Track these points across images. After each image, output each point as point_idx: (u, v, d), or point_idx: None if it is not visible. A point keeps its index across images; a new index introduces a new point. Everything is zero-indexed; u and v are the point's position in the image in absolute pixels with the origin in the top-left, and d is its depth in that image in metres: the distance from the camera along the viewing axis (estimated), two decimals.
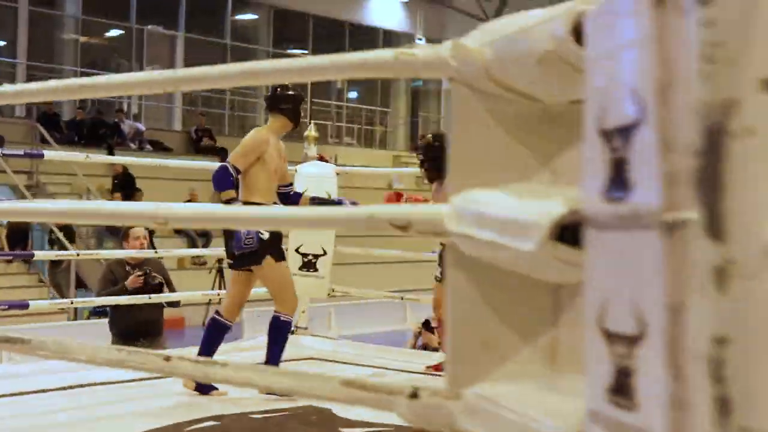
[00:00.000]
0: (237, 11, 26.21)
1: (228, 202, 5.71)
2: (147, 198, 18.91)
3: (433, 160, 6.28)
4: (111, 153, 19.67)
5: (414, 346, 8.74)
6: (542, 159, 1.76)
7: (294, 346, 7.53)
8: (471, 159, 1.74)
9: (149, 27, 23.96)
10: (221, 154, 22.02)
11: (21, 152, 6.86)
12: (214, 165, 18.16)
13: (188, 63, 24.83)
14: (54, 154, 7.11)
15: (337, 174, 7.91)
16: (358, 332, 13.62)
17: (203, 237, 18.91)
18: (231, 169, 5.76)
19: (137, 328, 7.44)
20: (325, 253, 7.63)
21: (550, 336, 1.82)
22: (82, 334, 12.72)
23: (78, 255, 7.20)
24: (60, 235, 15.71)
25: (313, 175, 7.74)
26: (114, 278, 7.49)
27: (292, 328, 8.12)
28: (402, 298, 8.36)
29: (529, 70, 1.59)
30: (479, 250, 1.67)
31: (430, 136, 6.55)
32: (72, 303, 6.87)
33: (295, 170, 7.78)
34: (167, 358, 2.03)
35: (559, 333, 1.82)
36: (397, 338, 15.53)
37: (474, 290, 1.75)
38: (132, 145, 20.86)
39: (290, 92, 6.22)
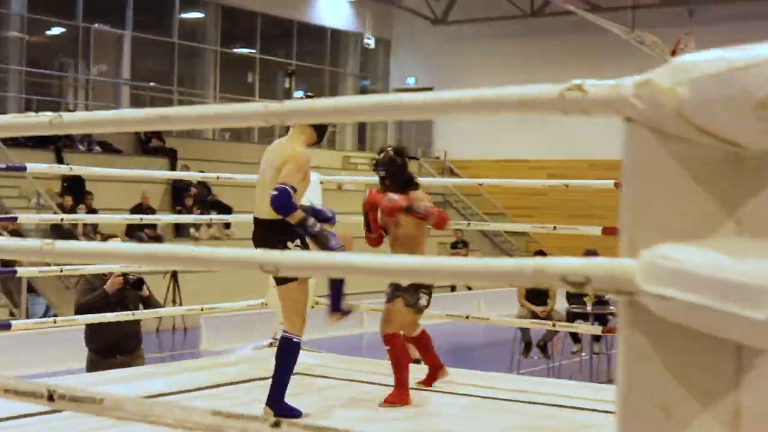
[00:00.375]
0: (184, 9, 25.85)
1: (301, 224, 5.49)
2: (98, 201, 18.56)
3: (395, 175, 6.11)
4: (59, 155, 19.29)
5: None
6: (727, 207, 1.60)
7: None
8: (652, 207, 1.57)
9: (96, 25, 23.51)
10: (170, 155, 21.74)
11: (3, 165, 6.60)
12: (167, 173, 17.82)
13: (135, 62, 24.45)
14: (35, 167, 6.81)
15: (321, 183, 7.71)
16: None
17: (156, 240, 18.57)
18: (290, 190, 5.45)
19: (115, 344, 7.20)
20: None
21: (732, 401, 1.65)
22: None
23: (62, 271, 6.91)
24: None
25: None
26: (92, 287, 7.25)
27: (270, 341, 7.94)
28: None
29: (743, 115, 1.43)
30: (675, 313, 1.50)
31: (390, 150, 6.20)
32: (55, 322, 6.57)
33: None
34: (276, 424, 1.84)
35: (742, 397, 1.66)
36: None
37: (654, 352, 1.59)
38: (81, 147, 20.45)
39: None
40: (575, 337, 13.26)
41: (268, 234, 5.56)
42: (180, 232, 20.01)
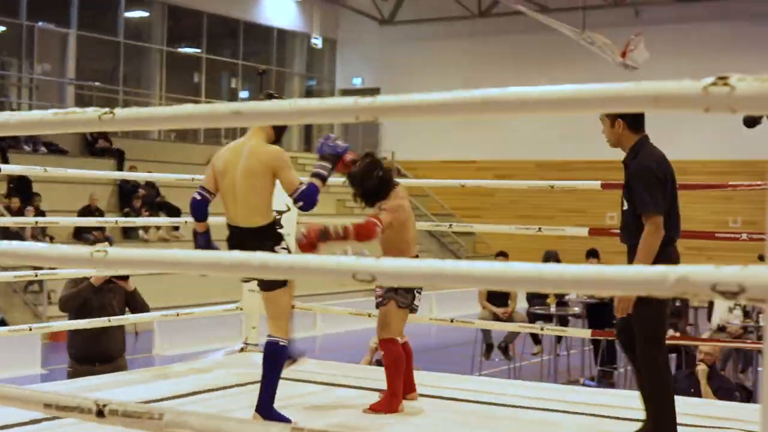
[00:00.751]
0: (129, 8, 25.50)
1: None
2: (46, 203, 18.21)
3: (364, 194, 5.92)
4: (4, 156, 18.90)
5: (370, 362, 8.43)
6: None
7: (251, 365, 7.18)
8: None
9: (40, 24, 23.08)
10: (118, 156, 21.41)
11: None
12: (115, 174, 17.49)
13: (80, 61, 24.06)
14: (11, 167, 6.60)
15: None
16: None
17: (105, 241, 18.23)
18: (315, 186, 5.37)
19: (98, 350, 7.01)
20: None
21: None
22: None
23: (36, 275, 6.70)
24: None
25: None
26: (78, 282, 7.08)
27: (241, 345, 7.78)
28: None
29: None
30: None
31: (361, 166, 5.88)
32: (31, 330, 6.35)
33: None
34: None
35: None
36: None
37: None
38: (26, 148, 20.06)
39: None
40: (536, 339, 13.23)
41: (253, 241, 5.32)
42: (128, 234, 19.71)
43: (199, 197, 5.54)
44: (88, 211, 18.56)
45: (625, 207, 5.02)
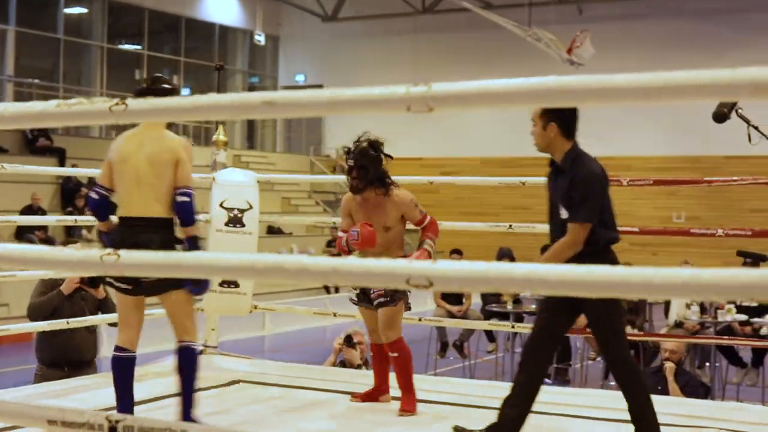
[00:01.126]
0: (69, 4, 25.05)
1: (194, 238, 5.03)
2: None
3: (364, 168, 5.73)
4: None
5: (334, 363, 8.27)
6: None
7: (212, 369, 7.02)
8: None
9: None
10: (59, 154, 21.02)
11: None
12: (57, 170, 17.12)
13: (19, 58, 23.59)
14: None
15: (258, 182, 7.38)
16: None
17: (46, 243, 17.91)
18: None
19: (68, 355, 6.79)
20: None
21: None
22: None
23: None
24: None
25: (233, 184, 7.20)
26: (50, 289, 6.84)
27: (201, 347, 7.59)
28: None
29: None
30: None
31: (365, 142, 5.80)
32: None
33: (213, 179, 7.23)
34: None
35: None
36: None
37: None
38: None
39: (170, 86, 5.34)
40: (490, 336, 13.16)
41: (149, 233, 4.95)
42: (71, 233, 19.34)
43: (96, 196, 5.13)
44: (30, 210, 18.19)
45: (565, 216, 4.83)
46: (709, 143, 23.30)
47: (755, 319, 10.78)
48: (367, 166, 5.73)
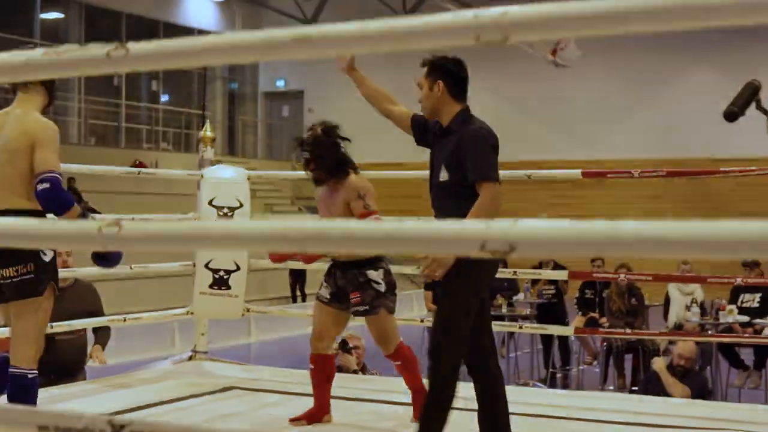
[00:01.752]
0: (45, 9, 24.65)
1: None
2: None
3: (322, 158, 5.22)
4: None
5: None
6: None
7: (204, 374, 6.77)
8: None
9: None
10: None
11: None
12: None
13: None
14: None
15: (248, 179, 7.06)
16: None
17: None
18: (60, 178, 4.36)
19: (56, 363, 6.40)
20: (238, 268, 6.76)
21: None
22: None
23: None
24: None
25: (223, 181, 6.87)
26: None
27: (190, 354, 7.28)
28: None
29: None
30: None
31: (318, 128, 5.32)
32: None
33: (201, 175, 6.91)
34: None
35: None
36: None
37: None
38: None
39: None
40: None
41: None
42: None
43: None
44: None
45: (445, 177, 4.36)
46: (695, 146, 23.18)
47: (757, 321, 10.51)
48: (324, 155, 5.23)
